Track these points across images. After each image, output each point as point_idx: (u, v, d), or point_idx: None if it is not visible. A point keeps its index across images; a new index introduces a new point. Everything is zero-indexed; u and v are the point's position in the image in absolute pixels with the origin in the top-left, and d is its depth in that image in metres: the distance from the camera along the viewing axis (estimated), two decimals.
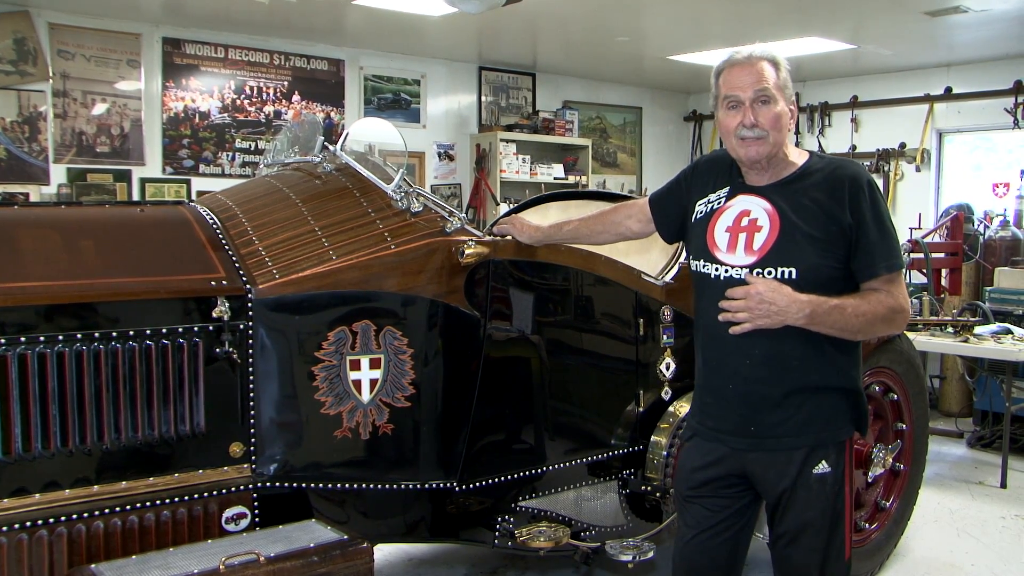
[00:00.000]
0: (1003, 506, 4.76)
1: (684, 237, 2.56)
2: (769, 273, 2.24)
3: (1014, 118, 7.26)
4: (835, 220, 2.24)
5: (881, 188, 8.02)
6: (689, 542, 2.44)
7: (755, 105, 2.27)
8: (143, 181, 6.32)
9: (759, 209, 2.31)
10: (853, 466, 2.39)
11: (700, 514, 2.41)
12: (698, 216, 2.44)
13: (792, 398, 2.28)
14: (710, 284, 2.35)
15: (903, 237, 7.22)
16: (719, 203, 2.39)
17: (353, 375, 2.63)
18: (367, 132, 3.31)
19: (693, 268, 2.43)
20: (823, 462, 2.29)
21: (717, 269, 2.33)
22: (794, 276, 2.22)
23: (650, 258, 3.73)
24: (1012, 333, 5.23)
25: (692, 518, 2.44)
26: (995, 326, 5.35)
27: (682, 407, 3.27)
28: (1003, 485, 5.06)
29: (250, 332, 2.52)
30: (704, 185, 2.48)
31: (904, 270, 2.36)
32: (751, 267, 2.27)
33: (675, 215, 2.58)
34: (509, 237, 2.93)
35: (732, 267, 2.30)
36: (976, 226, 6.94)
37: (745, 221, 2.32)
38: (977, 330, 5.27)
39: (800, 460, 2.29)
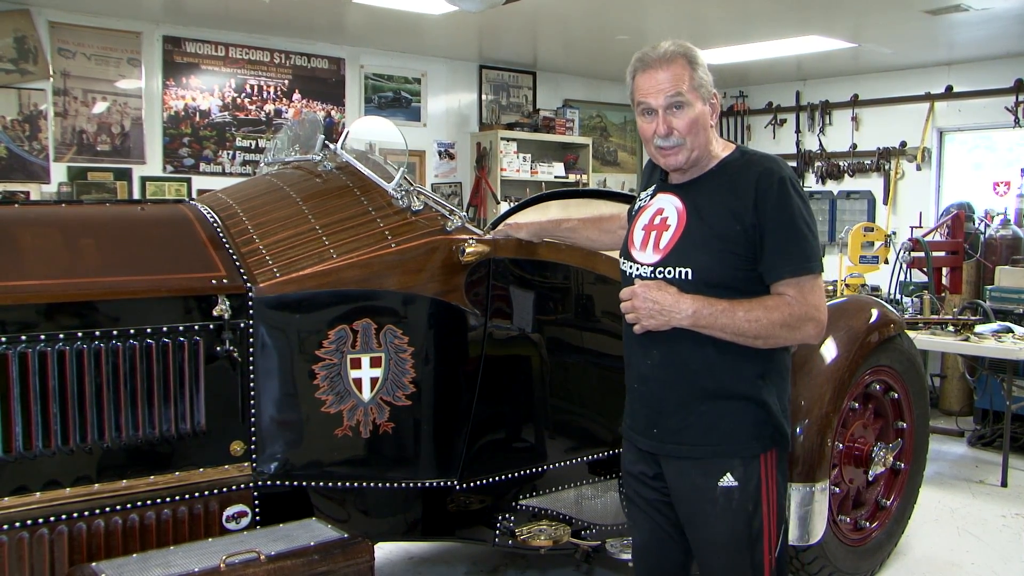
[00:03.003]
0: (1004, 505, 4.75)
1: None
2: (669, 272, 2.18)
3: (1015, 116, 7.25)
4: (738, 219, 2.12)
5: (881, 187, 8.11)
6: (641, 548, 2.42)
7: (668, 112, 2.16)
8: (143, 180, 6.31)
9: (671, 207, 2.25)
10: (773, 483, 2.23)
11: (640, 517, 2.39)
12: (631, 216, 2.43)
13: (692, 404, 2.19)
14: (625, 281, 2.31)
15: (904, 235, 7.23)
16: (644, 202, 2.36)
17: (354, 373, 2.63)
18: (368, 130, 3.31)
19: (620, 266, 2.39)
20: (728, 475, 2.17)
21: (631, 267, 2.29)
22: (689, 276, 2.15)
23: None
24: (1013, 332, 5.22)
25: (637, 521, 2.41)
26: (996, 325, 5.34)
27: None
28: (1004, 484, 5.05)
29: (251, 331, 2.52)
30: (642, 186, 2.46)
31: (822, 275, 2.15)
32: (655, 265, 2.21)
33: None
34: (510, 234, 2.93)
35: (642, 265, 2.25)
36: (977, 225, 6.93)
37: (658, 219, 2.26)
38: (978, 329, 5.27)
39: (702, 470, 2.19)
